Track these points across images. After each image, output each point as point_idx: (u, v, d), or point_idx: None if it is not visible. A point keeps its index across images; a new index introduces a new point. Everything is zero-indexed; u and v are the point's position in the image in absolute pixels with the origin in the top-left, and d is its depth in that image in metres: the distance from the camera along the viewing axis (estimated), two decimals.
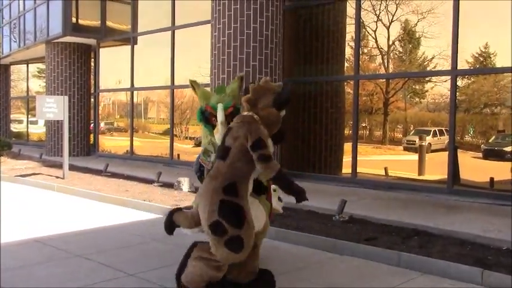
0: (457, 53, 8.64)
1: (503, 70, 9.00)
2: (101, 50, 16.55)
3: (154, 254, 5.57)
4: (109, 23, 16.14)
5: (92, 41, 16.30)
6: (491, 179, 9.07)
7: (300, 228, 6.35)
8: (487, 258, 5.11)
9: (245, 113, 4.16)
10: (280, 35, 9.82)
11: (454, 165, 8.97)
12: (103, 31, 16.01)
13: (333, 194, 8.59)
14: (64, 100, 11.25)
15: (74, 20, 15.66)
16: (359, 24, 10.13)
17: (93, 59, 17.43)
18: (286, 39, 10.73)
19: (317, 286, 4.57)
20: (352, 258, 5.47)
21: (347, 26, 11.08)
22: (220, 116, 4.55)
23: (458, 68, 8.79)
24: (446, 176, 8.94)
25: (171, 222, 4.15)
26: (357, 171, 10.17)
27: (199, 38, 12.12)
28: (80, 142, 16.66)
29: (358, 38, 10.15)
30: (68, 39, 15.86)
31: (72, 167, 12.67)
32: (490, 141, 9.60)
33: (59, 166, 12.31)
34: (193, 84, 4.95)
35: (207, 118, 4.73)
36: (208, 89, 5.19)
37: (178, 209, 4.30)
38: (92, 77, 17.41)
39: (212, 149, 4.80)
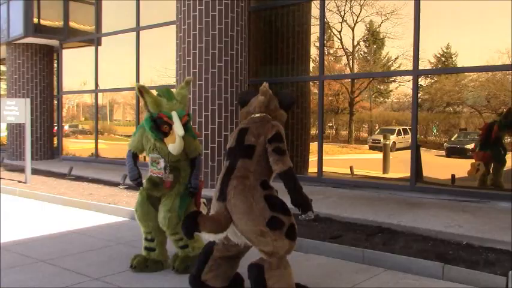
0: (418, 53, 8.82)
1: (464, 70, 9.25)
2: (64, 51, 16.23)
3: (119, 257, 5.52)
4: (72, 24, 15.84)
5: (54, 42, 15.97)
6: (453, 176, 9.30)
7: None
8: (448, 253, 5.25)
9: (259, 115, 4.19)
10: (245, 36, 9.85)
11: (416, 163, 9.16)
12: (66, 32, 15.72)
13: None
14: (26, 103, 11.01)
15: (35, 20, 15.32)
16: (323, 25, 10.24)
17: (56, 60, 17.08)
18: (251, 40, 10.77)
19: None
20: (317, 256, 5.54)
21: (312, 26, 11.18)
22: (180, 127, 4.54)
23: (420, 68, 8.98)
24: (409, 174, 9.12)
25: (196, 225, 3.78)
26: (323, 170, 10.27)
27: (165, 38, 12.05)
28: (43, 145, 16.32)
29: (323, 39, 10.27)
30: (30, 40, 15.50)
31: (35, 171, 12.41)
32: (452, 139, 9.83)
33: (21, 170, 12.04)
34: (142, 90, 4.65)
35: (158, 126, 4.60)
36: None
37: (200, 212, 4.05)
38: (55, 78, 17.08)
39: (159, 156, 4.80)
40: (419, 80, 9.23)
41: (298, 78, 11.19)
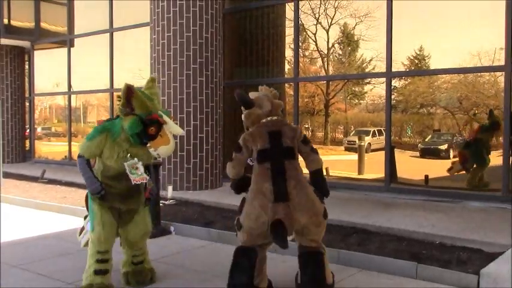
0: (391, 55, 8.94)
1: (436, 72, 9.41)
2: (35, 52, 15.95)
3: None
4: (44, 25, 15.58)
5: (26, 43, 15.69)
6: (426, 176, 9.46)
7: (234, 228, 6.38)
8: (421, 252, 5.34)
9: (277, 118, 4.41)
10: (220, 37, 9.84)
11: (391, 164, 9.28)
12: (37, 33, 15.45)
13: None
14: None
15: (6, 21, 15.03)
16: (297, 27, 10.29)
17: (27, 62, 16.78)
18: (226, 42, 10.76)
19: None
20: (292, 258, 5.55)
21: (287, 28, 11.24)
22: (177, 127, 4.44)
23: (393, 70, 9.10)
24: (384, 175, 9.24)
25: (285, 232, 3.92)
26: None
27: (139, 40, 11.95)
28: (15, 148, 16.02)
29: (297, 41, 10.31)
30: (0, 41, 15.20)
31: (6, 174, 12.20)
32: (426, 140, 9.98)
33: None
34: (133, 89, 4.20)
35: (144, 129, 4.19)
36: None
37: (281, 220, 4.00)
38: (26, 80, 16.78)
39: (136, 161, 4.34)
40: (393, 81, 9.36)
41: (273, 80, 11.22)
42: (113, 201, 4.42)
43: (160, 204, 7.85)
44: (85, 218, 4.72)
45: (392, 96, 9.87)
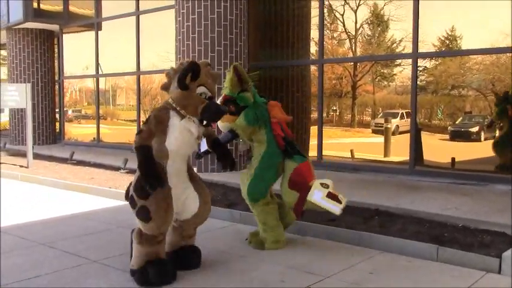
0: (417, 36, 8.77)
1: (462, 53, 9.21)
2: (64, 36, 16.20)
3: (118, 240, 5.58)
4: (72, 8, 15.78)
5: (54, 27, 15.93)
6: (453, 159, 9.31)
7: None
8: (443, 235, 5.28)
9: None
10: (244, 19, 9.81)
11: (416, 146, 9.18)
12: (66, 16, 15.67)
13: None
14: (26, 88, 11.03)
15: (35, 5, 15.26)
16: (323, 7, 10.18)
17: (56, 45, 17.05)
18: (251, 24, 10.72)
19: (275, 267, 4.67)
20: (314, 239, 5.60)
21: (312, 9, 11.12)
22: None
23: (422, 51, 8.92)
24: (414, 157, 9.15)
25: (128, 192, 4.47)
26: (323, 154, 10.30)
27: (166, 22, 11.99)
28: (45, 130, 16.36)
29: (322, 22, 10.22)
30: (30, 25, 15.45)
31: (37, 156, 12.50)
32: (457, 122, 9.77)
33: (24, 155, 12.10)
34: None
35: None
36: None
37: None
38: (56, 63, 17.07)
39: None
40: (424, 62, 9.21)
41: (298, 61, 11.18)
42: None
43: None
44: None
45: (422, 77, 9.71)
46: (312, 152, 10.67)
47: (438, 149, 9.76)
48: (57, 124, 17.16)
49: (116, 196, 7.98)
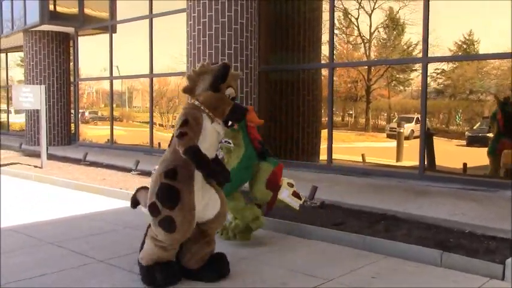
0: (427, 40, 8.74)
1: (472, 57, 9.14)
2: (79, 38, 16.42)
3: (125, 240, 5.65)
4: (87, 11, 16.00)
5: (70, 29, 16.16)
6: (465, 164, 9.23)
7: (271, 214, 6.45)
8: (448, 240, 5.26)
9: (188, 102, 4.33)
10: (255, 23, 9.85)
11: (429, 151, 9.13)
12: (81, 19, 15.88)
13: (307, 180, 8.70)
14: (41, 89, 11.20)
15: (51, 7, 15.50)
16: (333, 11, 10.19)
17: (72, 48, 17.28)
18: (262, 27, 10.76)
19: (277, 270, 4.68)
20: (318, 242, 5.61)
21: (324, 13, 11.12)
22: None
23: (437, 55, 8.87)
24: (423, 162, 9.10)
25: (134, 199, 4.51)
26: (333, 158, 10.29)
27: (179, 25, 12.09)
28: (61, 131, 16.59)
29: (333, 26, 10.23)
30: (46, 27, 15.70)
31: (51, 157, 12.67)
32: (474, 127, 9.63)
33: (38, 155, 12.27)
34: None
35: None
36: None
37: (145, 187, 4.48)
38: (71, 65, 17.30)
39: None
40: (441, 65, 9.18)
41: (309, 65, 11.18)
42: None
43: None
44: None
45: (440, 80, 9.62)
46: (322, 156, 10.67)
47: (453, 154, 9.65)
48: (72, 125, 17.38)
49: (127, 197, 8.03)
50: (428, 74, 9.19)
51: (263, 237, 5.78)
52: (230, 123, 4.35)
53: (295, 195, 5.27)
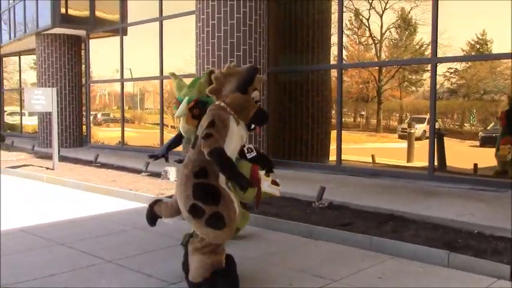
0: (436, 40, 8.72)
1: (480, 57, 9.10)
2: (91, 41, 16.58)
3: (134, 241, 5.71)
4: (99, 14, 16.14)
5: (81, 32, 16.32)
6: (475, 165, 9.18)
7: (279, 215, 6.49)
8: (456, 241, 5.25)
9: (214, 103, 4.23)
10: (264, 24, 9.89)
11: (440, 152, 9.09)
12: (92, 22, 16.03)
13: (316, 181, 8.70)
14: (52, 92, 11.33)
15: (63, 10, 15.67)
16: (342, 11, 10.20)
17: (83, 50, 17.45)
18: (271, 28, 10.80)
19: (285, 270, 4.71)
20: (326, 243, 5.62)
21: (333, 14, 11.13)
22: (179, 109, 4.81)
23: (448, 55, 8.88)
24: (432, 163, 9.07)
25: (152, 214, 4.45)
26: (342, 158, 10.29)
27: (189, 27, 12.16)
28: (72, 133, 16.76)
29: (341, 27, 10.24)
30: (58, 30, 15.89)
31: (63, 158, 12.80)
32: (488, 128, 9.57)
33: (50, 157, 12.40)
34: (172, 76, 5.26)
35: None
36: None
37: (158, 200, 4.51)
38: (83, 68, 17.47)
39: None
40: (454, 65, 9.21)
41: (317, 66, 11.19)
42: None
43: None
44: None
45: (453, 80, 9.59)
46: (332, 157, 10.67)
47: (466, 155, 9.59)
48: (84, 127, 17.54)
49: (136, 198, 8.15)
50: (441, 74, 9.17)
51: (272, 239, 5.81)
52: (252, 126, 4.24)
53: (274, 183, 5.16)
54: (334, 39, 10.90)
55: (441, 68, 9.30)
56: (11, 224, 6.55)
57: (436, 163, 9.22)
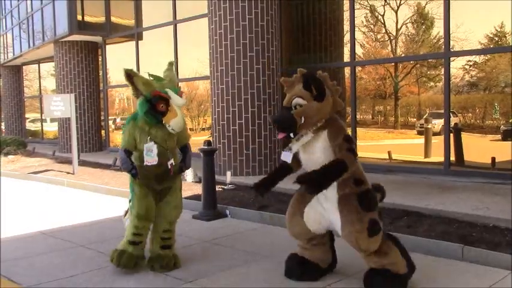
0: (449, 35, 8.69)
1: (496, 50, 9.02)
2: (107, 46, 16.83)
3: None
4: (114, 19, 16.38)
5: (98, 39, 16.58)
6: (493, 159, 9.10)
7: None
8: (471, 235, 5.26)
9: None
10: (276, 24, 9.95)
11: (457, 146, 9.03)
12: (108, 28, 16.27)
13: None
14: (70, 98, 11.55)
15: (79, 18, 15.94)
16: (353, 8, 10.20)
17: (100, 56, 17.71)
18: (283, 28, 10.86)
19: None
20: (338, 239, 5.64)
21: (345, 12, 11.13)
22: (178, 98, 4.55)
23: (465, 48, 8.86)
24: (450, 158, 9.03)
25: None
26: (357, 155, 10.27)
27: (203, 30, 12.28)
28: (92, 138, 17.01)
29: (353, 25, 10.25)
30: (75, 37, 16.15)
31: (83, 163, 13.03)
32: (510, 121, 9.47)
33: (71, 162, 12.62)
34: (131, 73, 4.56)
35: (154, 106, 4.45)
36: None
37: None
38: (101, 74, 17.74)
39: (152, 143, 4.58)
40: (473, 57, 9.19)
41: (330, 64, 11.21)
42: (149, 182, 4.82)
43: (219, 189, 8.19)
44: (130, 201, 5.08)
45: (473, 73, 9.52)
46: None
47: (487, 149, 9.51)
48: (103, 132, 17.80)
49: None
50: (460, 67, 9.11)
51: (282, 234, 5.86)
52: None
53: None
54: (347, 36, 10.92)
55: (460, 62, 9.23)
56: (32, 227, 6.73)
57: (453, 158, 9.17)
